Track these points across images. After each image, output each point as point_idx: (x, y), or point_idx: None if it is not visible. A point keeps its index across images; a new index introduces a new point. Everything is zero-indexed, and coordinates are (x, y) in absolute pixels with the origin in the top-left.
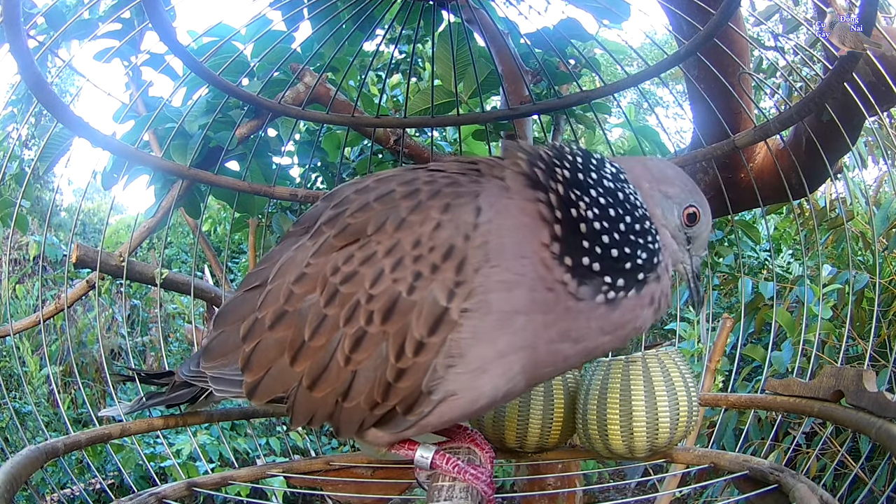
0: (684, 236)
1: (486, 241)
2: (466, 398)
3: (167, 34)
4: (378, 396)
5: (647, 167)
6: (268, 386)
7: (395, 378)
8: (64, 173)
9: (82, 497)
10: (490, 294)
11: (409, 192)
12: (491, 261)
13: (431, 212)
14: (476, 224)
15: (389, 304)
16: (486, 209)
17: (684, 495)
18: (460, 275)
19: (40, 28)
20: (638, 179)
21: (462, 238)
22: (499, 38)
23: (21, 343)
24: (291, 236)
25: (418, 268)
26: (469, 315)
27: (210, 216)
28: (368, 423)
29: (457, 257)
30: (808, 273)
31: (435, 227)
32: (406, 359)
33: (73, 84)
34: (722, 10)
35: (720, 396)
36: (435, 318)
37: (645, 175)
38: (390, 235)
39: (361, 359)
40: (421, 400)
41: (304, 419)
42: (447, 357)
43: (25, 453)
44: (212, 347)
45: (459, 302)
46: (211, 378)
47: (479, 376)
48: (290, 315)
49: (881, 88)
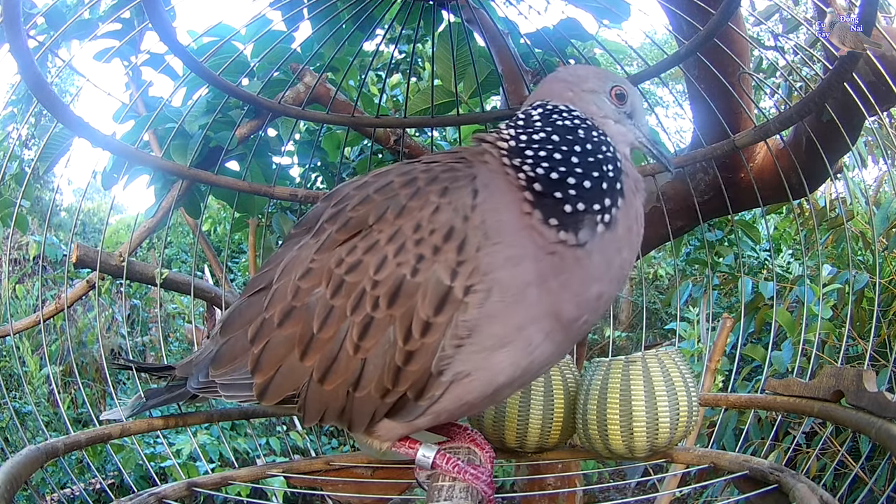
0: (625, 115)
1: (483, 220)
2: (482, 378)
3: (167, 34)
4: (388, 382)
5: (562, 79)
6: (278, 385)
7: (404, 361)
8: (64, 173)
9: (82, 497)
10: (498, 272)
11: (407, 181)
12: (491, 238)
13: (430, 196)
14: (473, 205)
15: (394, 288)
16: (481, 190)
17: (684, 495)
18: (462, 254)
19: (40, 28)
20: (562, 96)
21: (461, 219)
22: (499, 38)
23: (21, 343)
24: (293, 238)
25: (420, 251)
26: (475, 294)
27: (210, 216)
28: (380, 414)
29: (457, 238)
30: (808, 273)
31: (434, 211)
32: (414, 340)
33: (73, 84)
34: (722, 10)
35: (720, 396)
36: (440, 298)
37: (565, 88)
38: (391, 223)
39: (370, 346)
40: (431, 382)
41: (316, 415)
42: (455, 337)
43: (25, 453)
44: (220, 355)
45: (463, 280)
46: (221, 385)
47: (493, 353)
48: (298, 310)
49: (881, 88)
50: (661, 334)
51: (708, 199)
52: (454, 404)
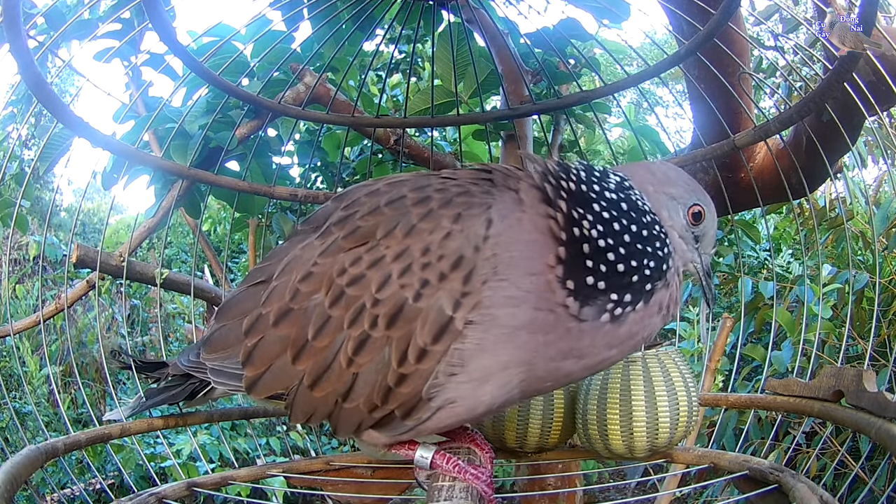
0: (692, 235)
1: (495, 253)
2: (465, 406)
3: (167, 34)
4: (378, 400)
5: (650, 170)
6: (268, 382)
7: (396, 383)
8: (64, 173)
9: (82, 497)
10: (497, 309)
11: (420, 199)
12: (500, 274)
13: (442, 220)
14: (486, 236)
15: (395, 310)
16: (496, 222)
17: (684, 495)
18: (468, 285)
19: (40, 28)
20: (643, 184)
21: (472, 249)
22: (499, 38)
23: (21, 343)
24: (299, 234)
25: (426, 275)
26: (474, 326)
27: (210, 216)
28: (366, 425)
29: (465, 268)
30: (808, 273)
31: (445, 236)
32: (408, 365)
33: (73, 84)
34: (722, 10)
35: (720, 396)
36: (440, 327)
37: (648, 179)
38: (400, 241)
39: (363, 362)
40: (420, 406)
41: (303, 417)
42: (449, 366)
43: (25, 453)
44: (213, 339)
45: (465, 312)
46: (210, 370)
47: (480, 386)
48: (295, 313)
49: (881, 88)
50: (661, 334)
51: None
52: (436, 425)
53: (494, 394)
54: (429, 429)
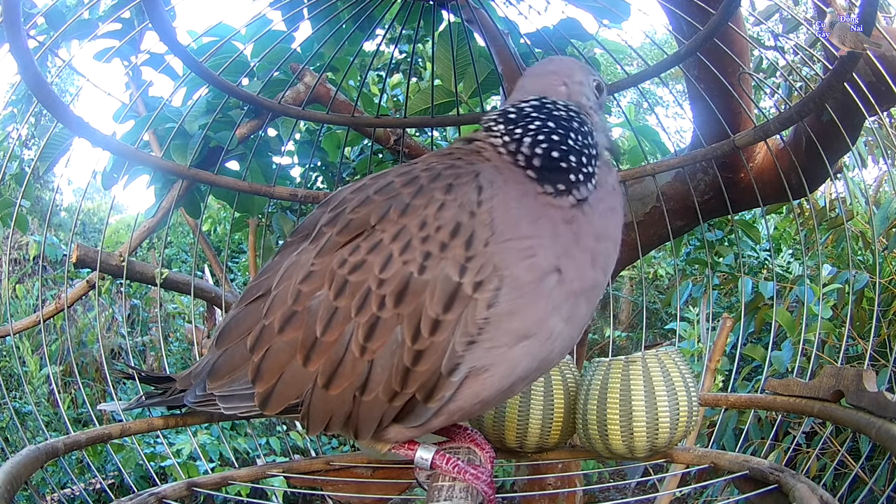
0: (598, 106)
1: (491, 215)
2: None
3: (167, 34)
4: (397, 385)
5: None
6: (281, 393)
7: (413, 361)
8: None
9: (82, 497)
10: (513, 268)
11: (409, 181)
12: (503, 234)
13: (435, 193)
14: (479, 201)
15: (401, 287)
16: (486, 186)
17: (684, 495)
18: (470, 250)
19: (40, 28)
20: (557, 90)
21: (468, 215)
22: (499, 38)
23: (21, 343)
24: (290, 246)
25: (427, 248)
26: (486, 289)
27: (210, 216)
28: (388, 418)
29: (465, 234)
30: (808, 273)
31: (439, 208)
32: (423, 339)
33: (73, 84)
34: (722, 10)
35: (720, 396)
36: (449, 295)
37: (558, 81)
38: (395, 222)
39: (377, 346)
40: (441, 383)
41: (321, 423)
42: (465, 335)
43: (25, 453)
44: (217, 367)
45: (472, 276)
46: (219, 398)
47: (511, 349)
48: (300, 314)
49: (881, 88)
50: (661, 334)
51: (708, 199)
52: (469, 402)
53: (533, 351)
54: (460, 408)
